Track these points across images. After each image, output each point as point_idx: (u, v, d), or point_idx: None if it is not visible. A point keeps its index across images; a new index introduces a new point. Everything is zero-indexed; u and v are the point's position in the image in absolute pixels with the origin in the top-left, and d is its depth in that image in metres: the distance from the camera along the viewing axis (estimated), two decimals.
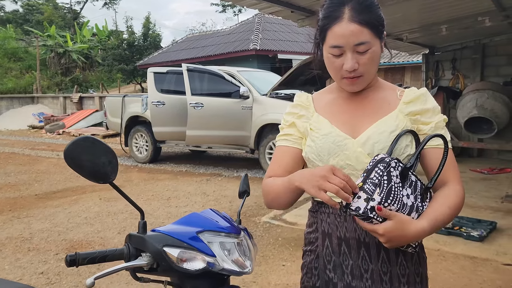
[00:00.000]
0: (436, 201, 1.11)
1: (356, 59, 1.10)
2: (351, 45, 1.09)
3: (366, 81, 1.16)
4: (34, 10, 38.48)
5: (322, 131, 1.19)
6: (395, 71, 16.38)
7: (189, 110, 7.35)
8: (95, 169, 1.06)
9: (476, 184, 6.13)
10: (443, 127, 1.18)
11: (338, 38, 1.09)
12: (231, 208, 5.12)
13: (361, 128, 1.17)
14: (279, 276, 3.30)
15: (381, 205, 0.99)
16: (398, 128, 1.14)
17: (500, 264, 3.39)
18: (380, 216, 0.99)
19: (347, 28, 1.08)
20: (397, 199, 1.03)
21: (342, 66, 1.11)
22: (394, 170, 1.04)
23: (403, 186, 1.06)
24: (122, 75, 24.64)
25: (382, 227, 0.99)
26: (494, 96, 6.99)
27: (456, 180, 1.16)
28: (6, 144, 12.05)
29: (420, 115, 1.18)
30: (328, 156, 1.16)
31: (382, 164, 1.03)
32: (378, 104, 1.20)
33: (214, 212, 1.28)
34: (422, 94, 1.19)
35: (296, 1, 5.01)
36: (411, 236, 1.02)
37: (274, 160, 1.28)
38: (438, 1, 5.23)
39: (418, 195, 1.10)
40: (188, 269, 1.09)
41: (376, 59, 1.14)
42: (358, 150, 1.14)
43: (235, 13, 42.84)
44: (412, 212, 1.07)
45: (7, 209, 5.33)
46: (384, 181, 1.01)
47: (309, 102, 1.28)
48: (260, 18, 19.02)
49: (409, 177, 1.09)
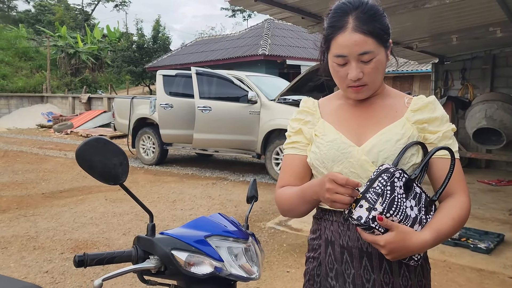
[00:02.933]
0: (441, 212, 1.10)
1: (360, 68, 1.10)
2: (355, 54, 1.09)
3: (371, 90, 1.16)
4: (46, 10, 38.93)
5: (327, 138, 1.18)
6: (404, 79, 16.33)
7: (197, 113, 7.37)
8: (106, 170, 1.07)
9: (484, 195, 6.07)
10: (451, 137, 1.16)
11: (342, 48, 1.09)
12: (236, 213, 5.11)
13: (367, 135, 1.16)
14: (283, 282, 3.28)
15: (383, 215, 0.98)
16: (405, 136, 1.13)
17: (507, 277, 3.35)
18: (382, 226, 0.98)
19: (350, 38, 1.08)
20: (400, 210, 1.02)
21: (347, 75, 1.11)
22: (398, 180, 1.03)
23: (407, 197, 1.04)
24: (131, 77, 24.80)
25: (383, 238, 0.98)
26: (504, 107, 6.94)
27: (462, 191, 1.14)
28: (15, 142, 12.15)
29: (427, 123, 1.16)
30: (332, 163, 1.16)
31: (386, 174, 1.02)
32: (384, 111, 1.19)
33: (222, 216, 1.27)
34: (430, 102, 1.18)
35: (306, 7, 5.02)
36: (413, 248, 1.01)
37: (284, 170, 1.28)
38: (449, 11, 5.22)
39: (422, 207, 1.08)
40: (196, 273, 1.09)
41: (381, 68, 1.13)
42: (363, 158, 1.13)
43: (244, 18, 43.12)
44: (415, 224, 1.05)
45: (14, 207, 5.36)
46: (387, 191, 1.00)
47: (315, 108, 1.27)
48: (270, 24, 19.09)
49: (414, 188, 1.07)
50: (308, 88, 7.25)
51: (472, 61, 8.38)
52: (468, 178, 7.24)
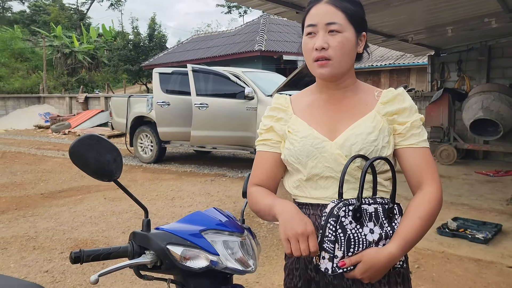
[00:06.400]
0: (407, 216, 1.10)
1: (326, 39, 1.13)
2: (323, 23, 1.13)
3: (335, 68, 1.15)
4: (41, 10, 38.78)
5: (300, 134, 1.19)
6: (400, 72, 16.32)
7: (194, 110, 7.37)
8: (100, 166, 1.07)
9: (482, 186, 6.09)
10: (419, 126, 1.18)
11: (313, 17, 1.15)
12: (235, 209, 5.13)
13: (339, 130, 1.17)
14: (282, 277, 3.29)
15: (345, 257, 1.01)
16: (376, 129, 1.14)
17: (505, 266, 3.37)
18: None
19: (322, 8, 1.14)
20: (360, 242, 1.03)
21: (314, 46, 1.14)
22: (346, 218, 1.03)
23: (362, 225, 1.05)
24: (127, 75, 24.74)
25: (357, 272, 1.03)
26: (500, 98, 6.96)
27: (431, 180, 1.14)
28: (13, 143, 12.13)
29: (397, 114, 1.17)
30: (306, 158, 1.17)
31: (332, 218, 1.02)
32: (356, 105, 1.21)
33: (217, 211, 1.28)
34: (399, 94, 1.20)
35: (301, 2, 5.02)
36: (386, 265, 1.04)
37: (255, 166, 1.30)
38: (443, 3, 5.22)
39: (383, 222, 1.08)
40: (192, 267, 1.10)
41: (347, 48, 1.14)
42: (336, 152, 1.14)
43: (240, 14, 42.93)
44: (381, 241, 1.06)
45: (13, 208, 5.37)
46: (339, 234, 1.02)
47: (287, 104, 1.28)
48: (265, 19, 19.04)
49: (366, 212, 1.06)
50: (304, 83, 7.26)
51: (468, 53, 8.40)
52: (466, 169, 7.27)
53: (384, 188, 1.17)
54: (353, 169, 1.13)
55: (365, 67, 16.04)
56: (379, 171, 1.15)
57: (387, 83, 16.36)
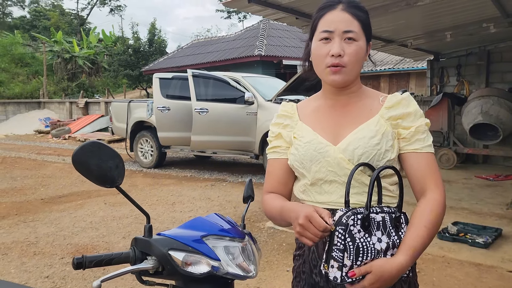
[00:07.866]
0: (412, 225, 1.11)
1: (342, 46, 1.14)
2: (340, 30, 1.14)
3: (347, 75, 1.16)
4: (41, 16, 38.88)
5: (305, 139, 1.21)
6: (400, 77, 16.36)
7: (194, 115, 7.39)
8: (102, 173, 1.08)
9: (482, 190, 6.10)
10: (424, 131, 1.18)
11: (329, 23, 1.15)
12: (235, 214, 5.13)
13: (343, 134, 1.19)
14: (283, 281, 3.30)
15: (354, 266, 1.02)
16: (378, 133, 1.15)
17: (505, 271, 3.37)
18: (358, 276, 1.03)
19: (339, 15, 1.15)
20: (369, 251, 1.04)
21: (329, 52, 1.15)
22: (355, 227, 1.03)
23: (370, 234, 1.05)
24: (127, 80, 24.76)
25: (366, 283, 1.03)
26: (499, 103, 6.98)
27: (434, 186, 1.15)
28: (13, 148, 12.14)
29: (401, 119, 1.18)
30: (310, 163, 1.19)
31: (341, 227, 1.02)
32: (360, 110, 1.22)
33: (218, 216, 1.29)
34: (404, 99, 1.20)
35: (300, 7, 5.05)
36: (394, 275, 1.04)
37: (268, 174, 1.32)
38: (442, 8, 5.25)
39: (390, 231, 1.08)
40: (193, 273, 1.10)
41: (360, 56, 1.16)
42: (339, 157, 1.15)
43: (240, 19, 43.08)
44: (389, 250, 1.07)
45: (13, 213, 5.37)
46: (348, 243, 1.02)
47: (293, 111, 1.30)
48: (265, 24, 19.10)
49: (374, 220, 1.06)
50: (304, 88, 7.28)
51: (467, 58, 8.43)
52: (466, 174, 7.27)
53: (390, 193, 1.18)
54: (356, 173, 1.13)
55: (365, 72, 16.07)
56: (385, 176, 1.16)
57: (386, 88, 16.39)
